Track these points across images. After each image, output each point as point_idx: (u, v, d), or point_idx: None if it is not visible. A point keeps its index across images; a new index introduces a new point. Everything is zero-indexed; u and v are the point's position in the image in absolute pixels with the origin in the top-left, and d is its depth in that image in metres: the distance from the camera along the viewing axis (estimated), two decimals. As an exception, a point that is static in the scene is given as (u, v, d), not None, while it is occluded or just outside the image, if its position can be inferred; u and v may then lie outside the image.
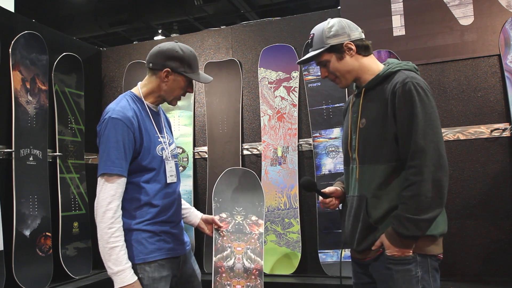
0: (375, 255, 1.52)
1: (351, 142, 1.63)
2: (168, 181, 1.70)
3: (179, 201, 1.85)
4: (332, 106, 3.16)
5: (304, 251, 3.13)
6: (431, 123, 1.42)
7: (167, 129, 1.86)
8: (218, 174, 3.34)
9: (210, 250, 3.27)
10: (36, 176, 2.99)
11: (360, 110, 1.59)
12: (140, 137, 1.63)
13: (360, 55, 1.60)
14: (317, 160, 3.14)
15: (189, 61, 1.72)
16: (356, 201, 1.57)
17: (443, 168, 1.40)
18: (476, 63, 2.89)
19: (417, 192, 1.38)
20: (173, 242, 1.75)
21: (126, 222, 1.63)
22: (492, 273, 2.72)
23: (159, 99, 1.77)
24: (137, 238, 1.65)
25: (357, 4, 3.18)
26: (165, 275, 1.71)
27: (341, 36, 1.58)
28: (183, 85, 1.74)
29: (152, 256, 1.66)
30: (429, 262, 1.46)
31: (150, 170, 1.66)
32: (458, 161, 2.86)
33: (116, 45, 4.11)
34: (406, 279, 1.43)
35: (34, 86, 3.07)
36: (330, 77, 1.64)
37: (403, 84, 1.46)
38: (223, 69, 3.50)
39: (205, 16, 6.96)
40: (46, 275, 2.93)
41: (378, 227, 1.50)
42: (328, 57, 1.60)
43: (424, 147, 1.39)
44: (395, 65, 1.58)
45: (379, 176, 1.50)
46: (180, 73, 1.71)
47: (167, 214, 1.73)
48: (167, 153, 1.71)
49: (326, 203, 1.71)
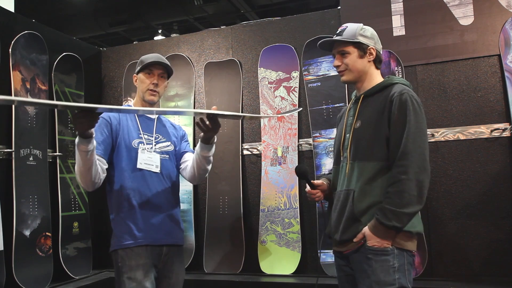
0: (356, 247, 1.64)
1: (343, 142, 1.77)
2: (138, 167, 1.89)
3: (165, 193, 1.94)
4: (332, 106, 3.16)
5: (304, 251, 3.13)
6: (420, 131, 1.60)
7: (162, 131, 2.04)
8: (218, 174, 3.35)
9: (210, 250, 3.28)
10: (36, 176, 2.99)
11: (356, 114, 1.75)
12: (117, 129, 1.93)
13: (374, 65, 1.78)
14: (317, 160, 3.14)
15: (142, 59, 2.01)
16: (343, 194, 1.71)
17: (426, 171, 1.57)
18: (476, 63, 2.89)
19: (401, 189, 1.55)
20: (149, 231, 1.86)
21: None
22: (492, 273, 2.72)
23: (143, 103, 2.02)
24: (113, 224, 1.90)
25: (357, 4, 3.18)
26: (142, 263, 1.82)
27: (370, 40, 1.75)
28: (144, 78, 1.99)
29: (125, 244, 1.84)
30: (405, 256, 1.61)
31: (122, 157, 1.89)
32: (458, 161, 2.86)
33: (116, 45, 4.11)
34: (384, 268, 1.57)
35: (34, 86, 3.07)
36: (341, 67, 1.77)
37: (400, 94, 1.63)
38: (223, 69, 3.50)
39: (205, 16, 6.96)
40: (46, 275, 2.93)
41: (361, 220, 1.63)
42: (351, 50, 1.74)
43: (412, 150, 1.57)
44: (395, 79, 1.76)
45: (367, 172, 1.65)
46: (138, 72, 2.01)
47: (139, 200, 1.87)
48: (145, 146, 1.94)
49: (312, 194, 1.85)
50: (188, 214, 3.37)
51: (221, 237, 3.28)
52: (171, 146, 2.03)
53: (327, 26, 3.28)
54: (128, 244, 1.84)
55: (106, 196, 1.94)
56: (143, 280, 1.80)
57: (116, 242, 1.87)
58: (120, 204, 1.87)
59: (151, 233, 1.86)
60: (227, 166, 3.37)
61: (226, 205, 3.32)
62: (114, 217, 1.90)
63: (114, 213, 1.90)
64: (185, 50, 3.69)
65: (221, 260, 3.24)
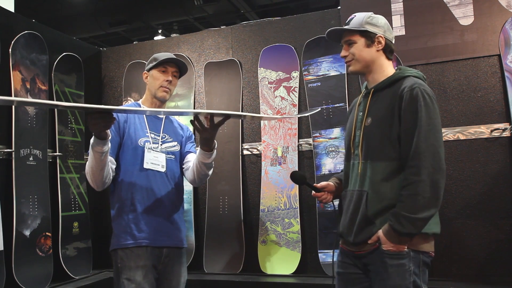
0: (371, 249, 1.58)
1: (354, 139, 1.69)
2: (144, 166, 1.87)
3: (168, 194, 1.92)
4: (332, 106, 3.16)
5: (304, 251, 3.13)
6: (433, 127, 1.50)
7: (169, 131, 2.03)
8: (218, 174, 3.35)
9: (210, 250, 3.28)
10: (36, 176, 2.99)
11: (367, 110, 1.66)
12: (124, 127, 1.91)
13: (384, 55, 1.68)
14: (317, 160, 3.14)
15: (155, 57, 2.00)
16: (356, 195, 1.63)
17: (441, 171, 1.48)
18: (476, 63, 2.89)
19: (415, 192, 1.47)
20: (150, 232, 1.84)
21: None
22: (492, 273, 2.72)
23: (154, 100, 2.00)
24: (114, 223, 1.89)
25: (357, 4, 3.17)
26: (141, 264, 1.80)
27: (378, 27, 1.67)
28: (158, 75, 1.98)
29: (125, 244, 1.83)
30: (421, 257, 1.55)
31: (127, 155, 1.89)
32: (458, 161, 2.86)
33: (116, 45, 4.11)
34: (399, 272, 1.52)
35: (34, 86, 3.07)
36: (348, 57, 1.70)
37: (411, 89, 1.55)
38: (223, 69, 3.50)
39: (205, 16, 6.96)
40: (46, 275, 2.93)
41: (375, 222, 1.57)
42: (357, 39, 1.67)
43: (424, 149, 1.48)
44: (406, 71, 1.66)
45: (380, 173, 1.58)
46: (150, 69, 2.00)
47: (141, 200, 1.85)
48: (151, 146, 1.92)
49: (318, 197, 1.79)
50: (188, 214, 3.37)
51: (221, 237, 3.28)
52: (177, 147, 2.02)
53: (327, 26, 3.26)
54: (128, 244, 1.83)
55: (109, 194, 1.93)
56: (142, 282, 1.79)
57: (116, 242, 1.86)
58: (122, 203, 1.86)
59: (151, 234, 1.85)
60: (227, 166, 3.36)
61: (226, 205, 3.32)
62: (114, 216, 1.89)
63: (115, 212, 1.89)
64: (185, 50, 3.69)
65: (221, 260, 3.24)
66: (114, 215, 1.90)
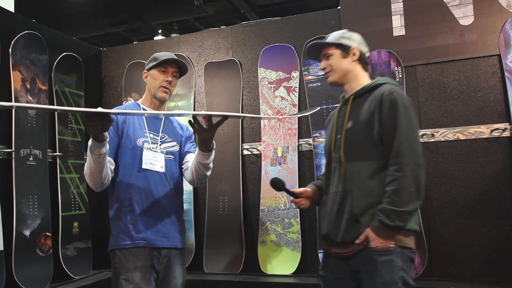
0: (357, 249, 1.63)
1: (335, 143, 1.78)
2: (143, 167, 1.87)
3: (166, 194, 1.91)
4: (332, 106, 3.16)
5: (304, 251, 3.13)
6: (412, 128, 1.63)
7: (169, 131, 2.02)
8: (218, 174, 3.35)
9: (210, 250, 3.28)
10: (36, 176, 2.99)
11: (347, 115, 1.75)
12: (123, 128, 1.91)
13: (360, 65, 1.80)
14: (317, 160, 3.14)
15: (155, 56, 1.99)
16: (340, 195, 1.70)
17: (421, 166, 1.59)
18: (476, 63, 2.89)
19: (399, 187, 1.56)
20: (148, 232, 1.84)
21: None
22: (492, 273, 2.72)
23: (153, 100, 2.00)
24: (112, 223, 1.89)
25: (357, 4, 3.18)
26: (139, 265, 1.80)
27: (352, 41, 1.80)
28: (158, 75, 1.97)
29: (123, 244, 1.83)
30: (406, 253, 1.62)
31: (126, 155, 1.88)
32: (458, 161, 2.86)
33: (116, 45, 4.11)
34: (389, 268, 1.58)
35: (34, 86, 3.07)
36: (326, 69, 1.82)
37: (390, 93, 1.65)
38: (223, 69, 3.50)
39: (205, 16, 6.96)
40: (46, 275, 2.93)
41: (361, 220, 1.63)
42: (333, 51, 1.80)
43: (406, 147, 1.59)
44: (383, 79, 1.77)
45: (364, 172, 1.66)
46: (150, 68, 1.99)
47: (139, 200, 1.85)
48: (150, 146, 1.92)
49: (296, 202, 1.86)
50: (188, 214, 3.37)
51: (221, 237, 3.28)
52: (177, 147, 2.01)
53: (327, 26, 3.27)
54: (126, 244, 1.82)
55: (108, 193, 1.93)
56: (140, 282, 1.79)
57: (113, 242, 1.86)
58: (120, 203, 1.86)
59: (149, 235, 1.84)
60: (227, 166, 3.36)
61: (226, 205, 3.32)
62: (113, 216, 1.89)
63: (113, 212, 1.89)
64: (185, 50, 3.69)
65: (221, 260, 3.24)
66: (113, 216, 1.89)
